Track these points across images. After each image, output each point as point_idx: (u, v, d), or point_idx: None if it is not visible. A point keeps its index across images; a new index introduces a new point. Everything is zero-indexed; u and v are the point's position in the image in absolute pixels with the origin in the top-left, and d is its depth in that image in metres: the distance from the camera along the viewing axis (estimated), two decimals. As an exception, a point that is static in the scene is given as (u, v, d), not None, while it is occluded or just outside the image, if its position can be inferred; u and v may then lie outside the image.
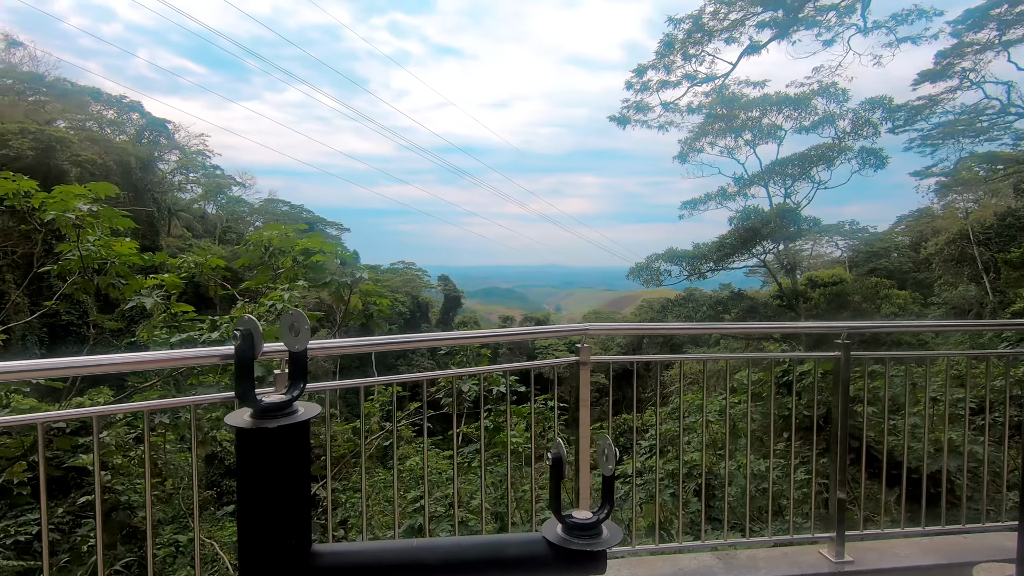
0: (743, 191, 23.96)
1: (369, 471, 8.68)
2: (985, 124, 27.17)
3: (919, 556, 2.40)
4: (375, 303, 5.42)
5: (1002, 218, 36.45)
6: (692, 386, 29.81)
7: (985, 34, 24.83)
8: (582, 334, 2.26)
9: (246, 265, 5.62)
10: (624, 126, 17.70)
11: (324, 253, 5.31)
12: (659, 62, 13.96)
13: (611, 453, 1.17)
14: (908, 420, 5.74)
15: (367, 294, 5.33)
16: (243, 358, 1.09)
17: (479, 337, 2.27)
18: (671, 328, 3.03)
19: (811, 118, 23.36)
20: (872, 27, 14.87)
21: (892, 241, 57.49)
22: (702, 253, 21.93)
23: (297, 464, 1.05)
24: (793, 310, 20.88)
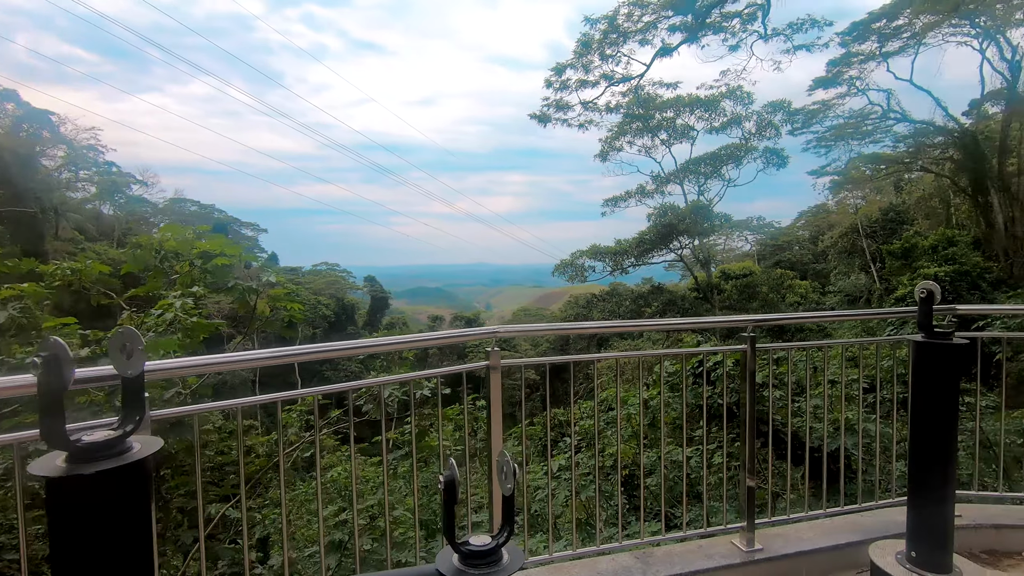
0: (660, 189, 25.09)
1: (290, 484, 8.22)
2: (869, 128, 29.88)
3: (822, 538, 2.50)
4: (286, 308, 5.08)
5: (885, 213, 40.28)
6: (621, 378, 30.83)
7: (868, 46, 27.28)
8: (492, 336, 2.16)
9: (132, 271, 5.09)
10: (545, 124, 17.99)
11: (226, 256, 4.90)
12: (577, 61, 14.26)
13: (509, 470, 1.07)
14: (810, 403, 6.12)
15: (276, 299, 4.98)
16: (49, 390, 0.88)
17: (381, 345, 2.11)
18: (581, 327, 3.04)
19: (720, 119, 24.79)
20: (772, 34, 15.97)
21: (794, 235, 62.07)
22: (623, 249, 22.68)
23: (130, 516, 0.86)
24: (708, 301, 22.06)
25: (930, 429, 2.13)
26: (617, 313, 21.17)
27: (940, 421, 2.10)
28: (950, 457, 2.16)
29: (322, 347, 1.94)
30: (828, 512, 2.69)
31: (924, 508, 2.19)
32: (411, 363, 6.58)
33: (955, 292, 19.56)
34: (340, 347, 1.94)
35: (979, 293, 19.96)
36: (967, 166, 26.88)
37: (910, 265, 21.59)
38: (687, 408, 5.70)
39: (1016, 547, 2.61)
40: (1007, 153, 25.64)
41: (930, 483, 2.18)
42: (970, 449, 5.02)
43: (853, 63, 27.84)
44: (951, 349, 2.09)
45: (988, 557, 2.58)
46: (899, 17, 25.68)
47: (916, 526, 2.20)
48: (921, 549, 2.16)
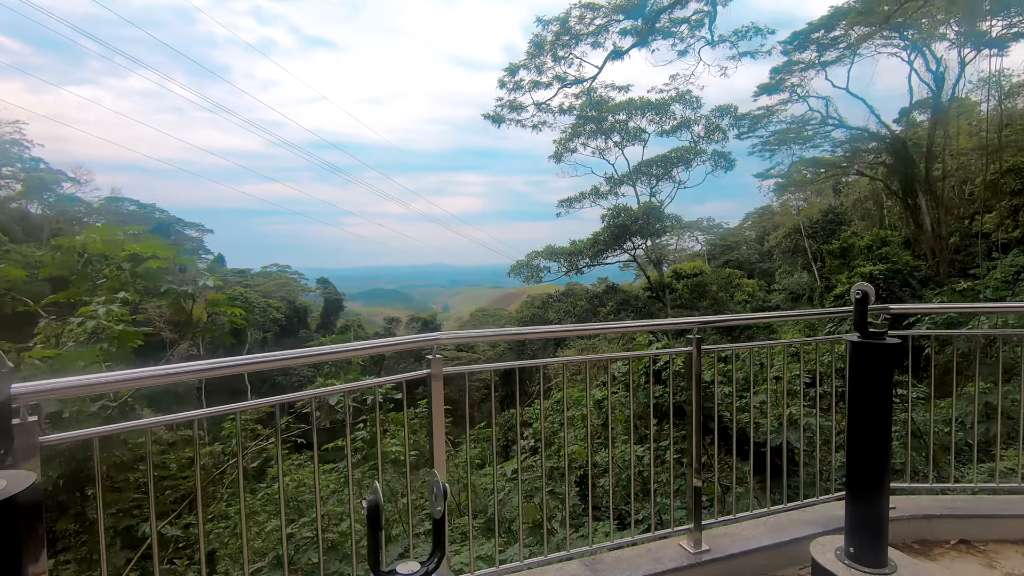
0: (614, 190, 25.50)
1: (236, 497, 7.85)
2: (810, 133, 31.30)
3: (767, 536, 2.54)
4: (226, 313, 4.83)
5: (825, 214, 42.26)
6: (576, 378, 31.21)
7: (808, 55, 28.58)
8: (433, 343, 2.08)
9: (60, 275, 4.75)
10: (499, 125, 17.95)
11: (159, 258, 4.62)
12: (530, 62, 14.30)
13: (439, 492, 1.00)
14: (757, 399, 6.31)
15: (215, 304, 4.73)
16: None
17: (303, 357, 1.97)
18: (527, 332, 2.98)
19: (670, 123, 25.41)
20: (718, 41, 16.49)
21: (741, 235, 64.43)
22: (578, 250, 22.94)
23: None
24: (661, 301, 22.59)
25: (866, 425, 2.19)
26: (573, 313, 21.36)
27: (876, 417, 2.17)
28: (885, 452, 2.24)
29: (248, 359, 1.81)
30: (773, 510, 2.74)
31: (861, 503, 2.26)
32: (359, 369, 6.39)
33: (888, 289, 20.74)
34: (261, 360, 1.81)
35: (910, 290, 21.22)
36: (898, 171, 28.52)
37: (848, 264, 22.73)
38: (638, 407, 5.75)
39: (946, 536, 2.72)
40: (933, 159, 27.36)
41: (866, 478, 2.24)
42: (903, 439, 5.27)
43: (794, 71, 29.12)
44: (885, 348, 2.16)
45: (920, 547, 2.69)
46: (836, 28, 27.00)
47: (853, 521, 2.26)
48: (858, 544, 2.22)
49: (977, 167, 29.83)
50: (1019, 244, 22.19)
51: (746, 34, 19.10)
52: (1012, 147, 25.44)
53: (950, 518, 2.74)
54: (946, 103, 27.42)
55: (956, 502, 2.87)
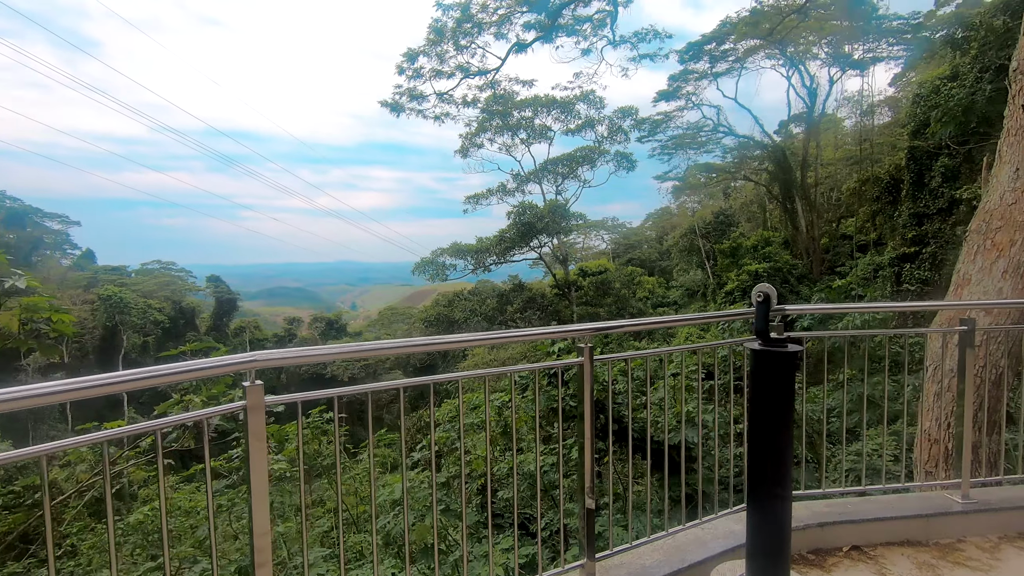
0: (521, 187, 25.51)
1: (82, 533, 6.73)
2: (703, 139, 33.32)
3: (666, 562, 2.31)
4: (49, 320, 3.95)
5: (717, 216, 45.27)
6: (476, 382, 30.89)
7: (701, 65, 30.35)
8: (249, 367, 1.60)
9: None
10: (398, 114, 17.08)
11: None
12: (431, 50, 13.68)
13: None
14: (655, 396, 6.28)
15: (32, 309, 3.84)
16: None
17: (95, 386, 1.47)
18: (381, 348, 2.55)
19: (575, 122, 25.85)
20: (619, 41, 16.86)
21: (643, 235, 67.80)
22: (485, 247, 22.67)
23: None
24: (567, 298, 22.92)
25: (769, 436, 2.01)
26: (480, 312, 21.04)
27: (779, 427, 1.99)
28: (788, 463, 2.06)
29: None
30: (671, 532, 2.52)
31: (762, 520, 2.08)
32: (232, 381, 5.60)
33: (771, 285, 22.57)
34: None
35: (788, 286, 23.15)
36: (778, 177, 31.07)
37: (736, 262, 24.39)
38: (541, 410, 5.48)
39: (839, 542, 2.64)
40: (807, 167, 30.10)
41: (769, 492, 2.06)
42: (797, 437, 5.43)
43: (690, 80, 30.82)
44: (787, 356, 1.98)
45: (815, 557, 2.58)
46: (726, 41, 28.87)
47: (754, 546, 2.07)
48: (758, 568, 2.04)
49: (842, 176, 33.32)
50: (875, 245, 24.98)
51: (645, 36, 19.76)
52: (869, 160, 28.64)
53: (842, 524, 2.67)
54: (818, 117, 30.28)
55: (847, 506, 2.83)
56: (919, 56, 26.26)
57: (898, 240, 19.12)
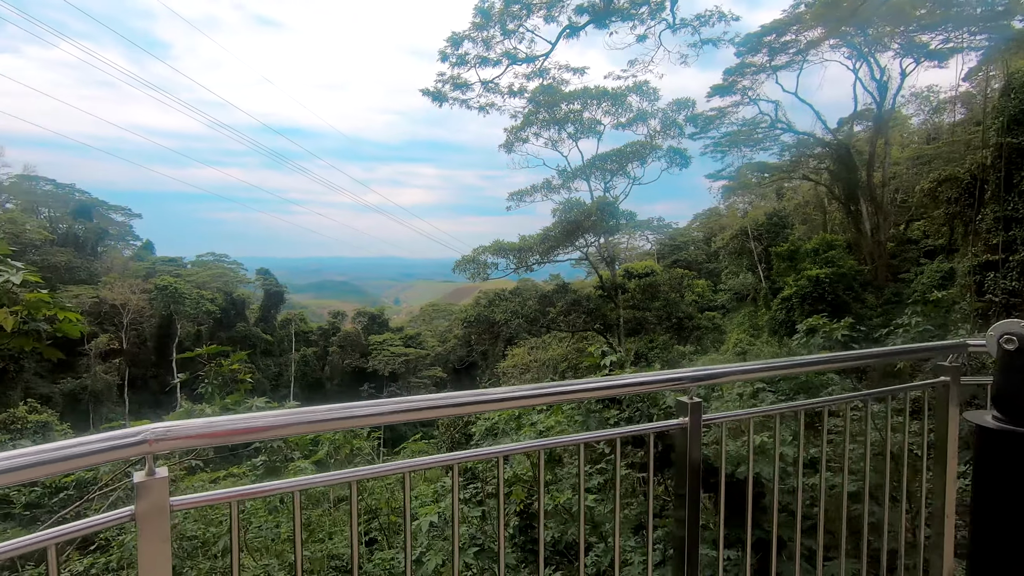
0: (567, 184, 24.68)
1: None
2: (759, 136, 31.70)
3: None
4: (53, 319, 3.62)
5: (770, 217, 43.29)
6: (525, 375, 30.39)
7: (759, 58, 28.82)
8: (146, 452, 1.09)
9: None
10: (441, 103, 16.49)
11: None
12: (476, 34, 13.07)
13: None
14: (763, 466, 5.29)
15: (35, 306, 3.52)
16: None
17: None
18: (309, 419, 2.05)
19: (627, 115, 24.78)
20: (680, 25, 15.86)
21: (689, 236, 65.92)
22: (528, 246, 22.04)
23: None
24: (612, 301, 22.02)
25: (1004, 541, 1.34)
26: (521, 313, 20.40)
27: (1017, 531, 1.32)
28: None
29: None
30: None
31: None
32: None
33: (833, 292, 21.02)
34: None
35: (852, 294, 21.59)
36: (841, 176, 29.21)
37: (795, 267, 22.96)
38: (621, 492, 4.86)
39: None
40: (874, 166, 28.15)
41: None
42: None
43: (746, 74, 29.34)
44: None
45: None
46: (787, 33, 27.29)
47: None
48: None
49: (908, 176, 31.17)
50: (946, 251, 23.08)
51: (708, 19, 18.52)
52: (940, 159, 26.55)
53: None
54: (888, 111, 28.26)
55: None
56: (1002, 46, 24.05)
57: (980, 246, 17.45)
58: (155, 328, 44.89)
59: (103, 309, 40.60)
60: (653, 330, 20.89)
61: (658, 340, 22.41)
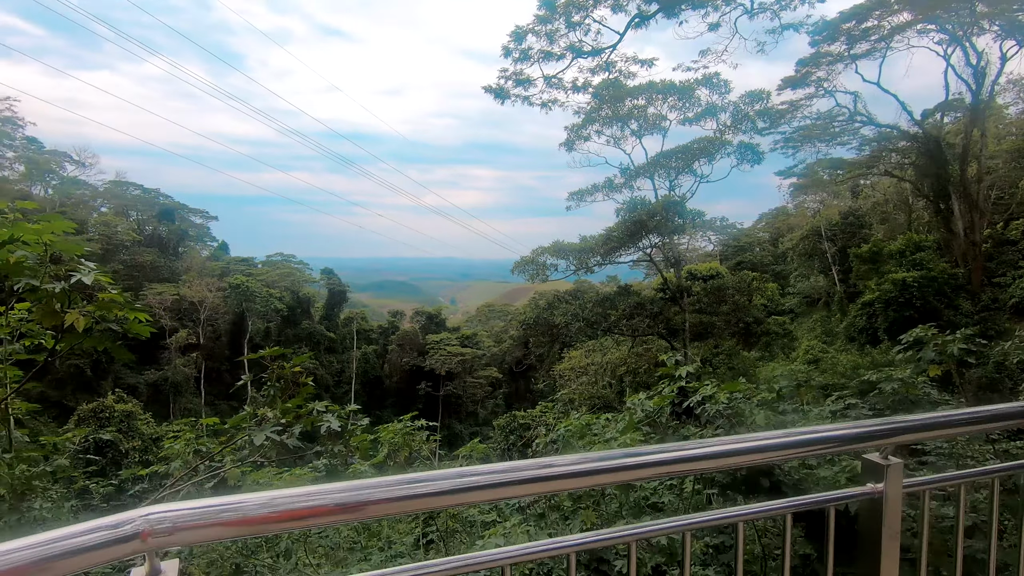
0: (629, 183, 23.86)
1: None
2: (836, 130, 29.71)
3: None
4: (125, 318, 3.61)
5: (845, 217, 40.73)
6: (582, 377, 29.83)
7: (836, 47, 27.01)
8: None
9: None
10: (503, 100, 16.14)
11: (23, 243, 3.41)
12: (540, 28, 12.69)
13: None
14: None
15: (106, 306, 3.50)
16: None
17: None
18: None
19: (694, 109, 23.67)
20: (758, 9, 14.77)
21: (755, 236, 63.08)
22: (589, 247, 21.44)
23: None
24: (677, 304, 21.11)
25: None
26: (581, 316, 19.84)
27: None
28: None
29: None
30: None
31: None
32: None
33: (922, 297, 19.31)
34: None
35: (945, 300, 19.77)
36: (929, 172, 26.90)
37: (877, 269, 21.29)
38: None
39: None
40: (968, 160, 25.74)
41: None
42: None
43: (822, 64, 27.56)
44: None
45: None
46: (868, 19, 25.44)
47: None
48: None
49: (1005, 171, 28.41)
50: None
51: (790, 2, 17.06)
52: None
53: None
54: (985, 100, 25.77)
55: None
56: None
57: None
58: (228, 324, 47.39)
59: (183, 306, 43.22)
60: (719, 335, 19.85)
61: (724, 346, 21.36)
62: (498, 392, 55.41)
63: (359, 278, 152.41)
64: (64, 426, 20.49)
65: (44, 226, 3.52)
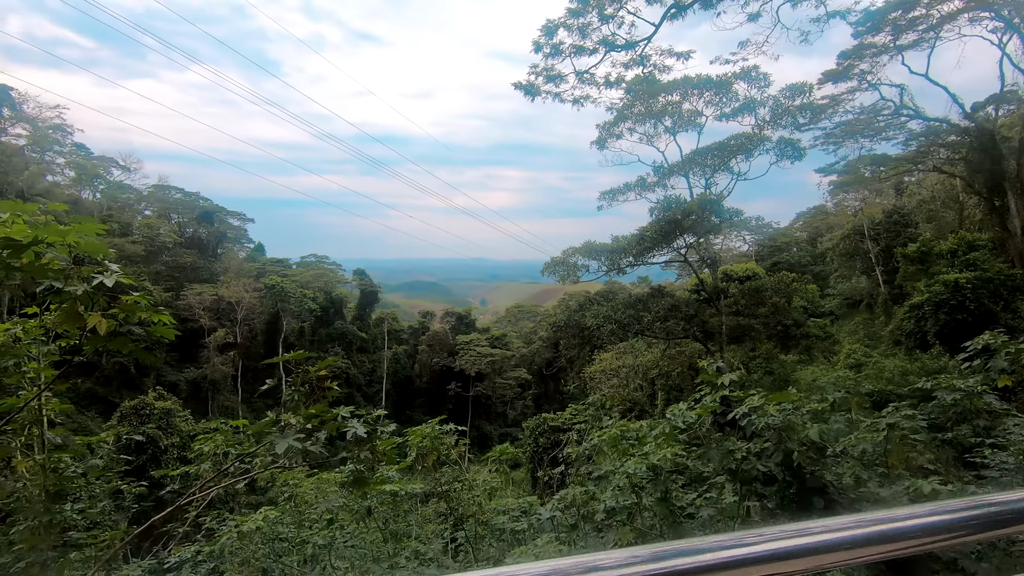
0: (663, 181, 23.24)
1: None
2: (882, 124, 28.44)
3: None
4: (150, 320, 3.53)
5: (889, 215, 39.13)
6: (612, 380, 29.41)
7: (881, 38, 25.85)
8: None
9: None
10: (533, 97, 15.81)
11: (49, 245, 3.37)
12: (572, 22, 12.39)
13: None
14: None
15: (130, 308, 3.43)
16: None
17: None
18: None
19: (732, 104, 22.87)
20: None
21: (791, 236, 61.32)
22: (621, 247, 20.96)
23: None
24: (714, 306, 20.44)
25: None
26: (614, 319, 19.39)
27: None
28: None
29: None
30: None
31: None
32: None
33: (976, 300, 18.22)
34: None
35: (1001, 302, 18.64)
36: (983, 167, 25.51)
37: (926, 270, 20.23)
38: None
39: None
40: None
41: None
42: None
43: (865, 56, 26.43)
44: None
45: None
46: (916, 7, 24.28)
47: None
48: None
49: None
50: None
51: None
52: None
53: None
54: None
55: None
56: None
57: None
58: (264, 324, 48.51)
59: (221, 306, 44.41)
60: (756, 338, 19.14)
61: (761, 349, 20.65)
62: (527, 393, 55.23)
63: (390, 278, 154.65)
64: (108, 422, 21.21)
65: (72, 227, 3.47)
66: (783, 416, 3.96)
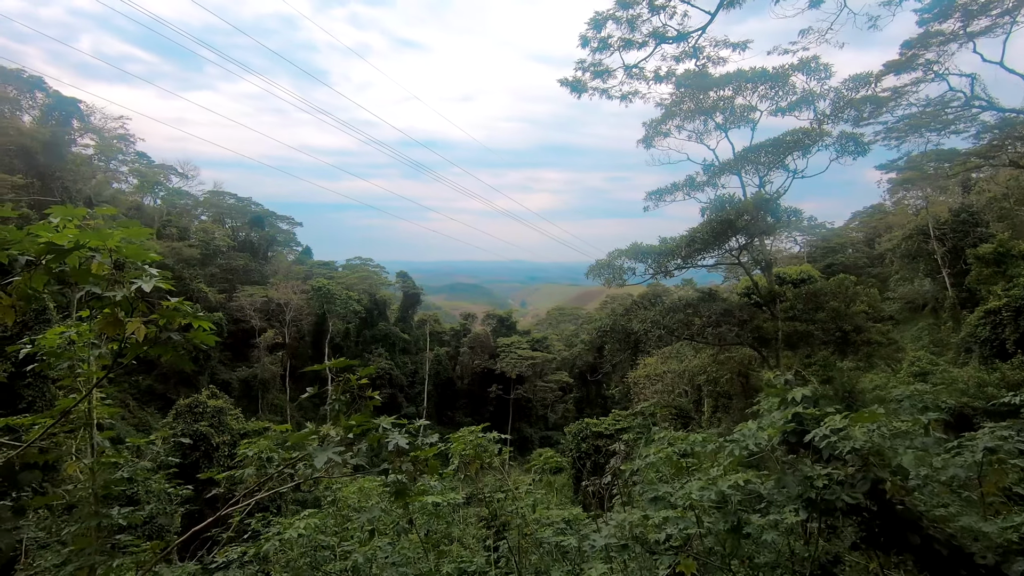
0: (713, 180, 22.31)
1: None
2: (950, 117, 26.63)
3: None
4: (186, 328, 3.45)
5: (956, 214, 36.75)
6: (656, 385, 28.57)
7: (949, 25, 24.20)
8: None
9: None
10: (580, 94, 15.33)
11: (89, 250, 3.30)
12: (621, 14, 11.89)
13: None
14: None
15: (170, 314, 3.34)
16: None
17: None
18: None
19: (788, 98, 21.73)
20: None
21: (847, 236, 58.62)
22: (669, 249, 20.21)
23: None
24: (769, 311, 19.44)
25: None
26: (662, 324, 18.65)
27: None
28: None
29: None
30: None
31: None
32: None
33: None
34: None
35: (1092, 308, 17.03)
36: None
37: (1004, 272, 18.69)
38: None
39: None
40: (1119, 145, 22.27)
41: None
42: None
43: (931, 45, 24.79)
44: None
45: None
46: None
47: None
48: None
49: None
50: None
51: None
52: None
53: None
54: None
55: None
56: None
57: None
58: (311, 325, 49.78)
59: (270, 307, 45.83)
60: (813, 344, 18.11)
61: (817, 356, 19.56)
62: (568, 397, 54.64)
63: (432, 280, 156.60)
64: (164, 419, 22.05)
65: (116, 232, 3.39)
66: (869, 438, 3.53)
